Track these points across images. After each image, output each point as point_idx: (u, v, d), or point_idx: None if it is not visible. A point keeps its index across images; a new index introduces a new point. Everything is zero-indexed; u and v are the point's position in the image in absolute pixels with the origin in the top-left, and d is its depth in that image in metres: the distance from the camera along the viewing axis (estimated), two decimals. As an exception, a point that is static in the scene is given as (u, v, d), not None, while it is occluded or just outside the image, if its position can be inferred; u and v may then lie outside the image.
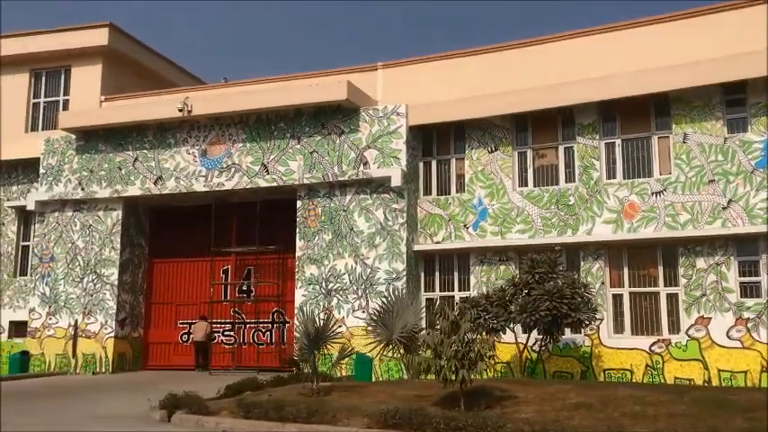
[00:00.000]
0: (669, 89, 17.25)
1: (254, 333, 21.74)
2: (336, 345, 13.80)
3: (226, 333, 21.91)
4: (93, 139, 22.43)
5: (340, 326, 13.79)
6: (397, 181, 18.93)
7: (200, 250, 22.56)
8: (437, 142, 20.36)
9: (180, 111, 20.61)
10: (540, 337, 15.72)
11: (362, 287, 19.12)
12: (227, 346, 21.71)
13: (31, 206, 22.54)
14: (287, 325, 21.39)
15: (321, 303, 19.42)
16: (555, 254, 15.85)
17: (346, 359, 14.11)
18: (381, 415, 8.86)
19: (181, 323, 22.60)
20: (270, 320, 21.56)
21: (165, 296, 22.89)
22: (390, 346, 13.80)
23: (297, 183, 19.98)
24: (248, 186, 20.46)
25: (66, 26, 24.33)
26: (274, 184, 20.20)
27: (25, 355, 21.34)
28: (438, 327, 9.80)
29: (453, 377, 9.36)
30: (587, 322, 15.40)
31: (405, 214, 19.15)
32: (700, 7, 17.71)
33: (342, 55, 58.70)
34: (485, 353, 9.57)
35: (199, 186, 20.92)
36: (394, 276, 18.88)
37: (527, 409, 9.39)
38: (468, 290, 18.98)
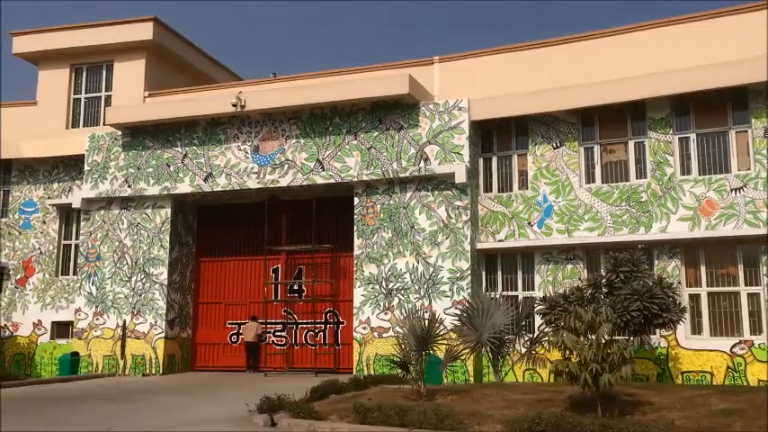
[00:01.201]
0: (746, 83, 16.71)
1: (306, 334, 21.21)
2: (441, 345, 13.12)
3: (277, 334, 21.38)
4: (139, 135, 21.93)
5: (443, 326, 13.13)
6: (461, 177, 18.41)
7: (248, 248, 22.10)
8: (497, 138, 19.82)
9: (234, 105, 20.08)
10: (626, 338, 15.16)
11: (425, 287, 18.60)
12: (278, 347, 21.18)
13: (76, 204, 22.04)
14: (341, 325, 20.86)
15: (381, 303, 18.91)
16: (638, 252, 15.29)
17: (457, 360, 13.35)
18: (523, 421, 8.33)
19: (229, 323, 22.08)
20: (323, 321, 21.02)
21: (212, 296, 22.38)
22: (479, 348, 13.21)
23: (355, 179, 19.45)
24: (304, 183, 19.94)
25: (110, 21, 23.82)
26: (332, 180, 19.68)
27: (76, 356, 20.82)
28: (565, 327, 9.25)
29: (591, 380, 8.83)
30: (677, 323, 14.85)
31: (468, 211, 18.62)
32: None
33: (380, 52, 57.69)
34: (628, 355, 9.05)
35: (252, 183, 20.40)
36: (458, 275, 18.36)
37: (673, 416, 8.87)
38: (533, 289, 18.46)
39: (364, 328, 18.94)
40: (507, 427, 8.54)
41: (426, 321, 12.26)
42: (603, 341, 9.19)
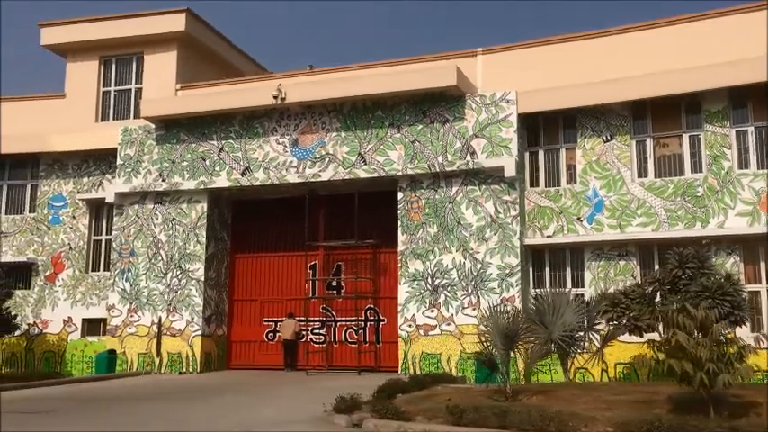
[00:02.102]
0: (808, 74, 16.26)
1: (345, 331, 20.77)
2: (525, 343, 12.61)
3: (315, 331, 20.94)
4: (173, 128, 21.48)
5: (527, 324, 12.62)
6: (510, 171, 17.98)
7: (284, 244, 21.68)
8: (544, 131, 19.38)
9: (275, 98, 19.64)
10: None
11: (472, 283, 18.17)
12: (316, 345, 20.74)
13: (110, 198, 21.59)
14: (382, 323, 20.43)
15: (427, 300, 18.49)
16: (703, 248, 14.87)
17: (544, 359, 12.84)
18: (640, 424, 7.90)
19: (265, 321, 21.64)
20: (363, 318, 20.58)
21: (248, 292, 21.94)
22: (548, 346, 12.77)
23: (400, 173, 19.01)
24: (346, 177, 19.50)
25: (141, 12, 23.35)
26: (375, 174, 19.24)
27: (112, 353, 20.39)
28: (677, 324, 8.82)
29: (707, 380, 8.41)
30: (748, 321, 14.44)
31: (517, 206, 18.20)
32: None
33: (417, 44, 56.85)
34: (745, 354, 8.65)
35: (292, 177, 19.97)
36: (507, 272, 17.94)
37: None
38: (582, 286, 18.04)
39: (410, 326, 18.52)
40: (619, 429, 8.11)
41: (510, 317, 11.76)
42: (718, 340, 8.78)
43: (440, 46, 61.39)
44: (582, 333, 13.57)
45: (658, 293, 14.90)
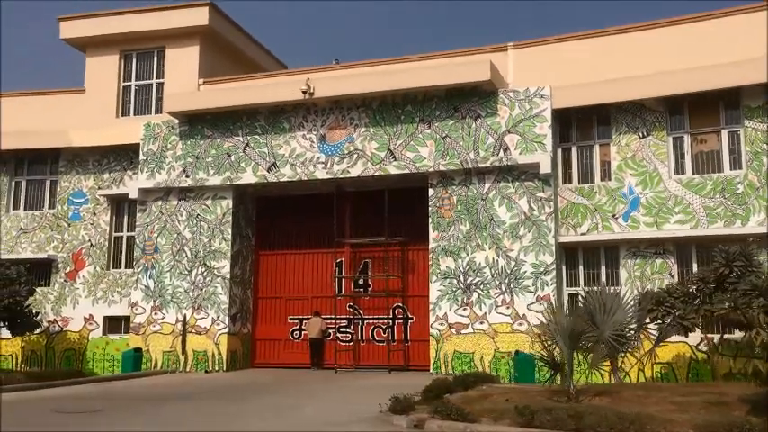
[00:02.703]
0: None
1: (373, 330, 20.48)
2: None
3: (342, 330, 20.64)
4: (197, 123, 21.17)
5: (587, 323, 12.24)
6: (546, 168, 17.69)
7: (310, 241, 21.38)
8: (577, 127, 19.09)
9: (304, 93, 19.34)
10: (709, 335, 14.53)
11: (506, 281, 17.89)
12: (342, 344, 20.44)
13: (133, 194, 21.27)
14: (410, 321, 20.14)
15: (459, 298, 18.20)
16: (750, 246, 14.58)
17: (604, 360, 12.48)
18: (730, 427, 7.62)
19: (291, 319, 21.34)
20: (390, 316, 20.28)
21: (272, 290, 21.65)
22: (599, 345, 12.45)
23: (431, 169, 18.71)
24: (376, 173, 19.19)
25: (162, 5, 23.01)
26: (406, 171, 18.94)
27: (138, 351, 20.08)
28: (760, 324, 8.54)
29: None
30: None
31: (552, 203, 17.91)
32: None
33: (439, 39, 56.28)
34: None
35: (321, 174, 19.66)
36: (542, 270, 17.65)
37: None
38: (617, 285, 17.75)
39: (441, 324, 18.23)
40: (704, 432, 7.82)
41: (573, 316, 11.44)
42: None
43: (441, 46, 60.97)
44: (632, 332, 13.28)
45: (701, 292, 14.60)
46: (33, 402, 12.83)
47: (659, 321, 14.41)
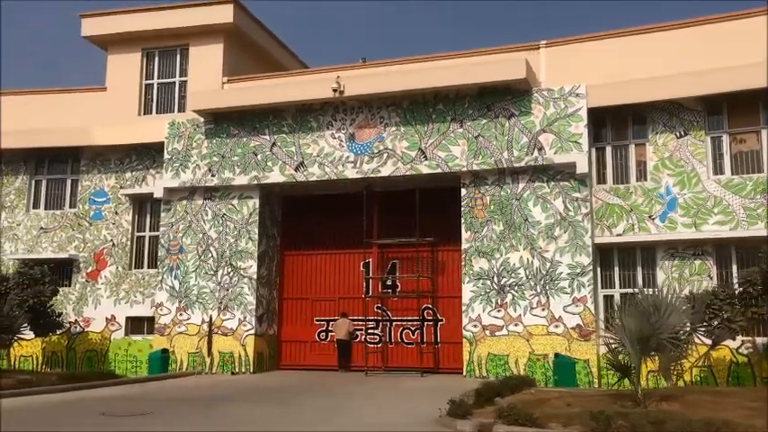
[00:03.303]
0: None
1: (402, 331, 20.18)
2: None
3: (369, 331, 20.34)
4: (223, 122, 20.88)
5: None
6: (582, 167, 17.42)
7: (337, 241, 21.07)
8: (611, 126, 18.81)
9: (334, 91, 19.05)
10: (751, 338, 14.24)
11: (541, 283, 17.60)
12: (371, 346, 20.13)
13: (158, 194, 20.98)
14: (440, 323, 19.84)
15: (493, 300, 17.91)
16: (799, 247, 14.30)
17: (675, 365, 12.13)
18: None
19: (317, 320, 21.04)
20: (419, 318, 19.98)
21: (298, 291, 21.34)
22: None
23: (464, 169, 18.43)
24: (407, 173, 18.91)
25: (186, 3, 22.72)
26: (438, 170, 18.66)
27: (166, 353, 19.79)
28: None
29: None
30: None
31: (588, 204, 17.64)
32: None
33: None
34: None
35: (350, 173, 19.37)
36: (578, 271, 17.36)
37: None
38: (654, 286, 17.42)
39: (475, 326, 17.94)
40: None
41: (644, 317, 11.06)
42: None
43: (442, 46, 60.65)
44: (685, 335, 12.99)
45: (747, 294, 14.34)
46: (77, 405, 12.53)
47: (706, 324, 14.13)
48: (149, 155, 22.53)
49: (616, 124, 18.75)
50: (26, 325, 18.89)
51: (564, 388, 14.89)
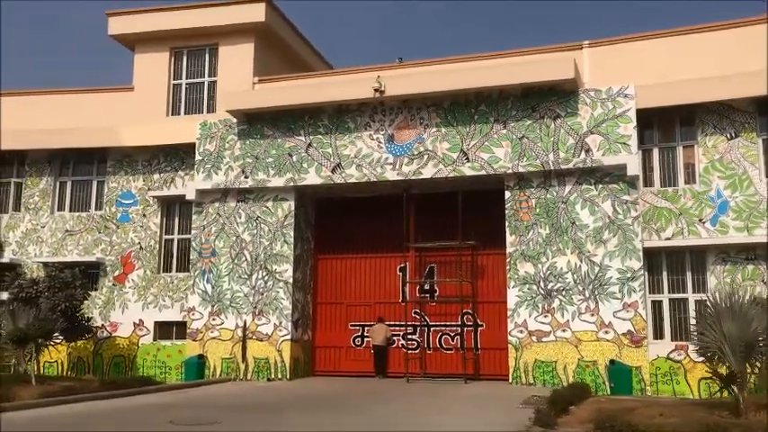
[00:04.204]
0: None
1: (440, 337, 19.74)
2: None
3: (407, 337, 19.88)
4: (257, 122, 20.45)
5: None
6: (634, 169, 17.05)
7: (372, 245, 20.62)
8: (658, 128, 18.45)
9: (376, 90, 18.65)
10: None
11: (590, 287, 17.19)
12: (409, 351, 19.67)
13: (190, 196, 20.51)
14: (480, 328, 19.40)
15: (540, 305, 17.49)
16: None
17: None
18: None
19: (352, 325, 20.58)
20: (459, 323, 19.54)
21: (331, 295, 20.89)
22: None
23: (509, 171, 18.03)
24: (451, 175, 18.49)
25: (216, 1, 22.29)
26: (482, 172, 18.25)
27: (202, 358, 19.30)
28: None
29: None
30: None
31: (638, 206, 17.25)
32: None
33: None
34: None
35: (391, 175, 18.94)
36: (629, 276, 16.97)
37: None
38: (704, 291, 17.06)
39: (521, 332, 17.51)
40: None
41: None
42: None
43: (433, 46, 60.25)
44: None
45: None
46: (135, 413, 12.03)
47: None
48: (178, 156, 22.09)
49: (663, 126, 18.40)
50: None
51: (622, 396, 14.46)
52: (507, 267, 17.94)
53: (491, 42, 56.94)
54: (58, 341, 18.37)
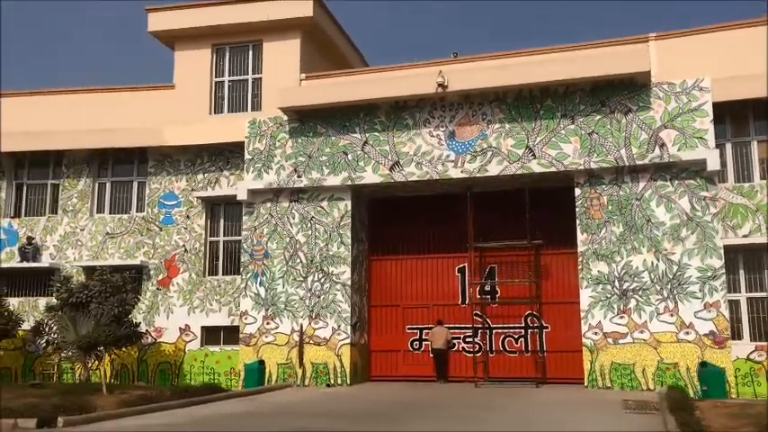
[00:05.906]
0: None
1: (503, 339, 19.13)
2: None
3: (468, 340, 19.26)
4: (309, 120, 19.80)
5: None
6: (714, 165, 16.50)
7: (428, 245, 20.06)
8: (731, 122, 17.92)
9: (439, 85, 18.04)
10: None
11: (668, 287, 16.62)
12: (469, 355, 19.05)
13: (242, 196, 19.81)
14: (545, 330, 18.80)
15: (615, 306, 16.90)
16: None
17: None
18: None
19: (409, 328, 19.93)
20: (523, 325, 18.94)
21: (387, 298, 20.25)
22: None
23: (580, 167, 17.44)
24: (518, 172, 17.89)
25: (260, -5, 21.62)
26: (552, 169, 17.65)
27: (262, 364, 18.59)
28: None
29: None
30: None
31: (717, 203, 16.69)
32: None
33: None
34: None
35: (454, 173, 18.33)
36: (709, 275, 16.40)
37: None
38: (785, 290, 16.55)
39: (595, 334, 16.92)
40: None
41: None
42: None
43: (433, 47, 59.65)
44: None
45: None
46: (232, 420, 11.35)
47: None
48: (222, 156, 21.42)
49: (736, 120, 17.88)
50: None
51: (721, 399, 13.91)
52: (579, 267, 17.34)
53: (492, 44, 56.31)
54: (125, 347, 17.65)
